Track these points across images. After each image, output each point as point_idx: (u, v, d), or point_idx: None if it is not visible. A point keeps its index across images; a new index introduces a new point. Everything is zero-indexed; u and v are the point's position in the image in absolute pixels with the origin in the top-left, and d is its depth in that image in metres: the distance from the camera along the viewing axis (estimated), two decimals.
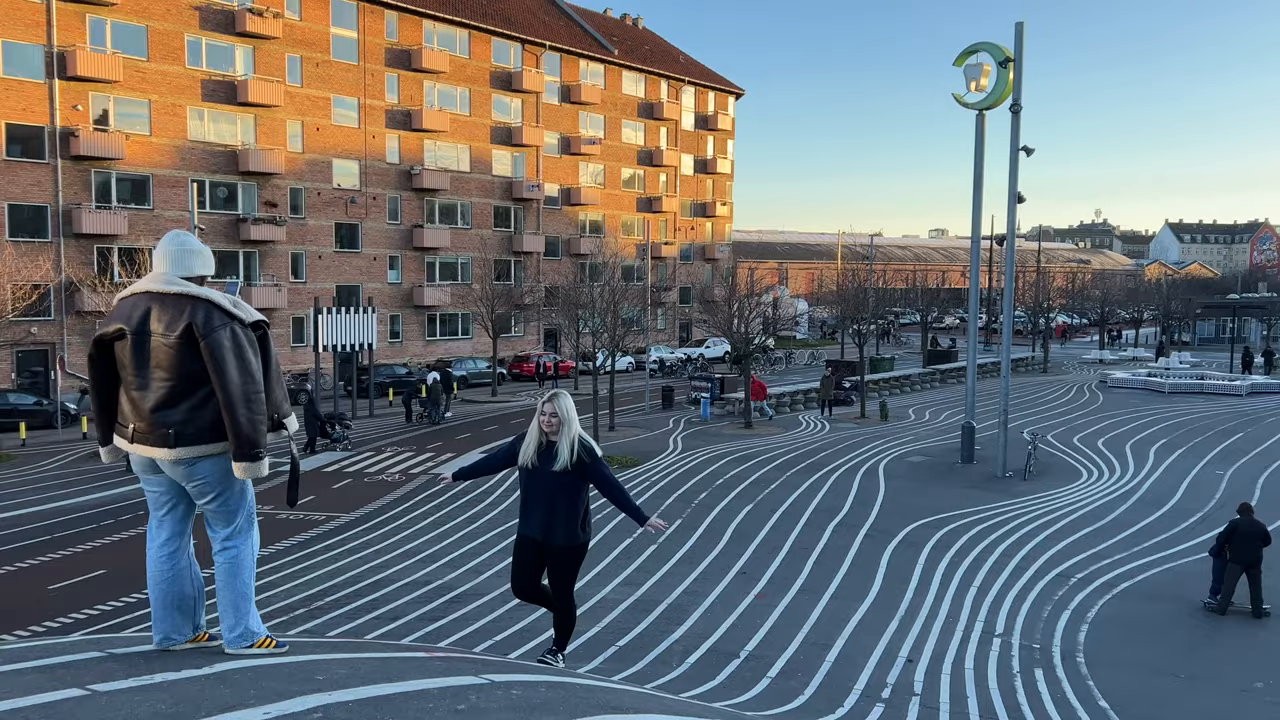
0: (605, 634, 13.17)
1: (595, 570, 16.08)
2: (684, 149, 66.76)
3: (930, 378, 45.48)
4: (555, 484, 5.70)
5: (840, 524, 19.33)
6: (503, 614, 13.83)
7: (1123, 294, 78.11)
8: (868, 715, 10.62)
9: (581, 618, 13.48)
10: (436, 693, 3.40)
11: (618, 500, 5.88)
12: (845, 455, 26.70)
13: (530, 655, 11.33)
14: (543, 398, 5.80)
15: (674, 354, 54.68)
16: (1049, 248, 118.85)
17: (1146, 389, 42.15)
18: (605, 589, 15.17)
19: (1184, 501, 21.41)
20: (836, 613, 14.11)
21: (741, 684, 11.47)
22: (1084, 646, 12.93)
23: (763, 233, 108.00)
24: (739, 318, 32.76)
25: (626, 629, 13.39)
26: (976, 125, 25.51)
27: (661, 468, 25.01)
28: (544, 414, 5.68)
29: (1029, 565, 16.58)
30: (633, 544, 17.66)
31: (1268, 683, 11.80)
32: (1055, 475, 24.19)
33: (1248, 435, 30.09)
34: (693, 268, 67.85)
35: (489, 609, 14.16)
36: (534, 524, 5.81)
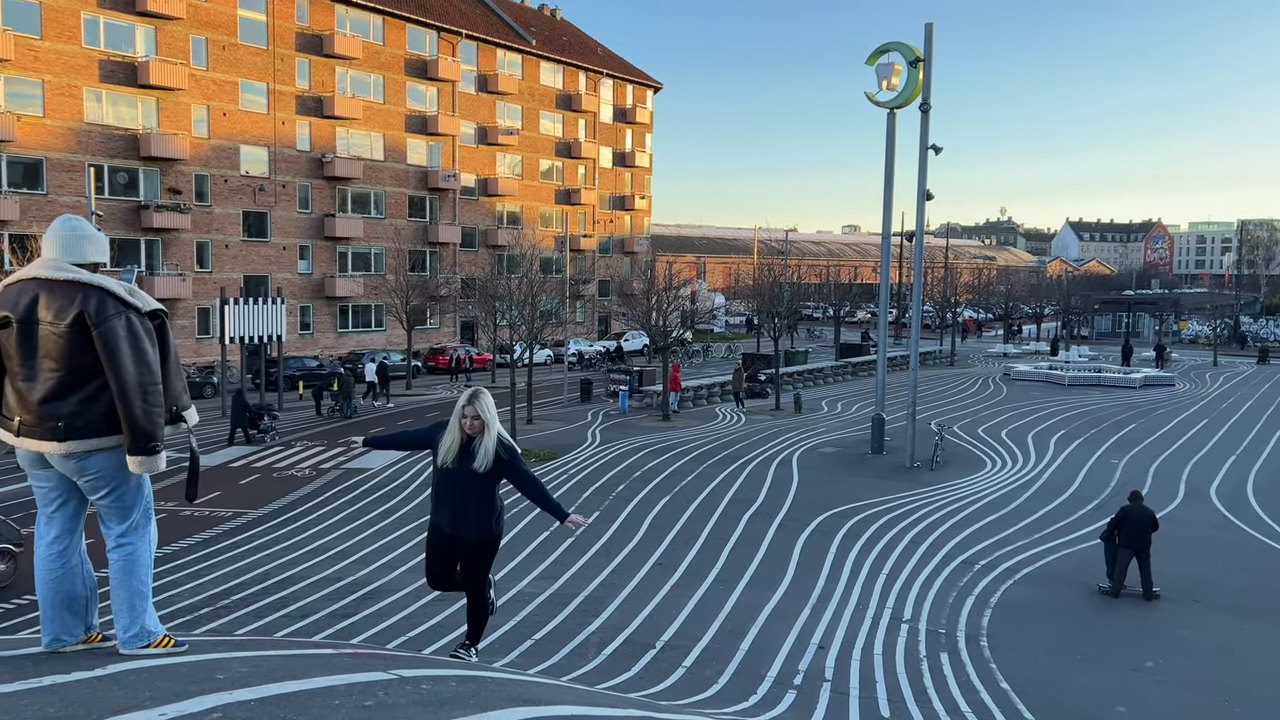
0: (522, 627, 13.11)
1: (512, 564, 15.99)
2: (603, 142, 66.69)
3: (842, 370, 46.41)
4: (471, 481, 5.64)
5: (755, 514, 19.59)
6: (416, 610, 13.65)
7: (1026, 290, 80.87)
8: (780, 702, 10.80)
9: (498, 611, 13.44)
10: (343, 689, 3.34)
11: (536, 497, 5.85)
12: (760, 447, 27.06)
13: (445, 651, 11.22)
14: (463, 397, 5.72)
15: (593, 347, 54.64)
16: (957, 244, 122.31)
17: (1048, 382, 43.75)
18: (522, 582, 15.10)
19: (1081, 489, 22.29)
20: (750, 601, 14.31)
21: (657, 674, 11.55)
22: (987, 630, 13.36)
23: (681, 227, 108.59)
24: (657, 311, 32.90)
25: (543, 622, 13.35)
26: (888, 123, 26.08)
27: (579, 460, 24.99)
28: (465, 415, 5.60)
29: (936, 552, 17.06)
30: (550, 537, 17.61)
31: (1157, 661, 12.37)
32: (961, 465, 24.93)
33: (1140, 426, 31.49)
34: (611, 261, 67.89)
35: (402, 605, 13.96)
36: (445, 517, 5.76)
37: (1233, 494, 22.02)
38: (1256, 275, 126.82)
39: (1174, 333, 72.23)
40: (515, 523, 18.45)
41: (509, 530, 17.80)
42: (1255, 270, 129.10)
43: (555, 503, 5.88)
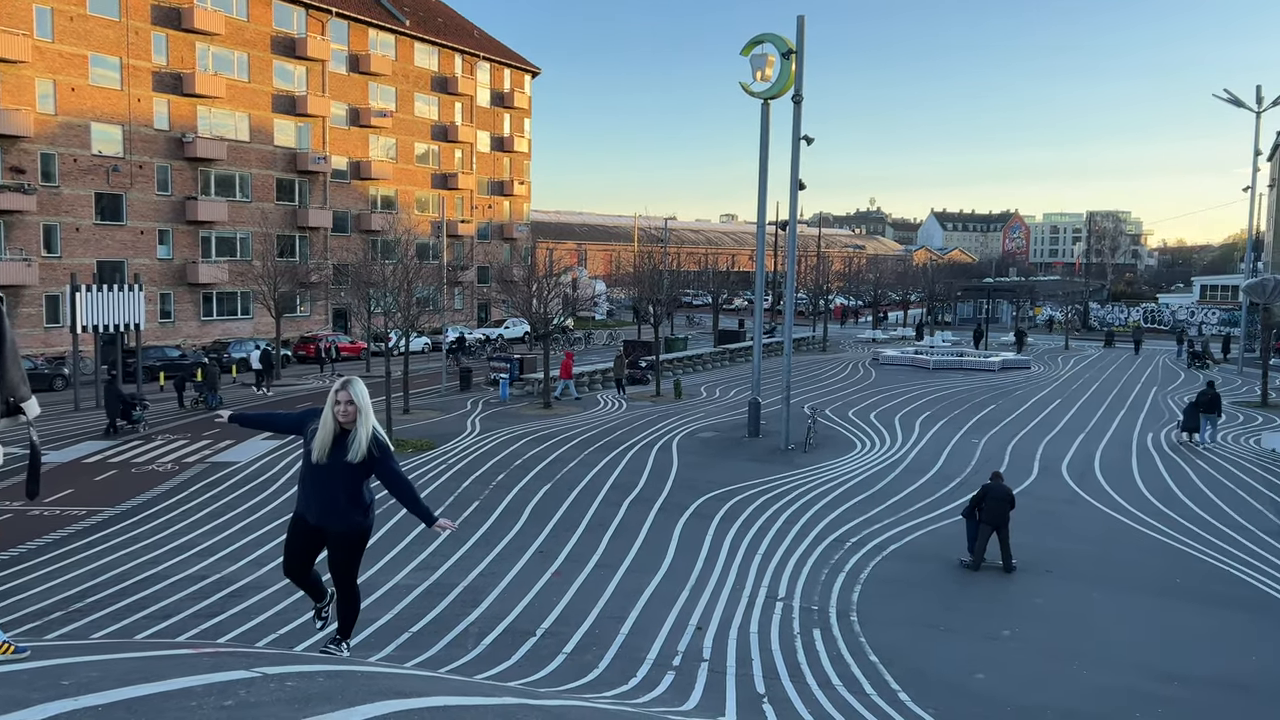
0: (398, 620, 12.87)
1: (388, 556, 15.67)
2: (480, 126, 65.72)
3: (721, 357, 47.20)
4: (341, 472, 5.49)
5: (636, 499, 19.75)
6: (288, 606, 13.22)
7: (894, 277, 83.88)
8: (659, 683, 10.94)
9: (374, 605, 13.16)
10: (201, 690, 3.20)
11: (406, 499, 5.73)
12: (641, 432, 27.27)
13: (317, 647, 10.91)
14: (335, 385, 5.55)
15: (472, 334, 53.91)
16: (829, 234, 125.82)
17: (914, 366, 45.56)
18: (398, 575, 14.81)
19: (944, 468, 23.32)
20: (631, 586, 14.42)
21: (537, 661, 11.52)
22: (857, 606, 13.85)
23: (561, 213, 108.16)
24: (538, 298, 32.69)
25: (421, 614, 13.14)
26: (762, 114, 26.57)
27: (458, 450, 24.66)
28: (339, 402, 5.43)
29: (809, 531, 17.56)
30: (427, 530, 17.28)
31: (1014, 630, 13.07)
32: (833, 447, 25.72)
33: (999, 407, 33.15)
34: (491, 247, 67.08)
35: (272, 602, 13.50)
36: (313, 508, 5.58)
37: (1082, 470, 23.43)
38: (1104, 264, 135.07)
39: (1030, 318, 76.26)
40: (393, 514, 18.06)
41: (385, 521, 17.44)
42: (1103, 259, 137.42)
43: (424, 506, 5.78)
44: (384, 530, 17.03)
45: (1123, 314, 77.35)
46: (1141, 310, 77.51)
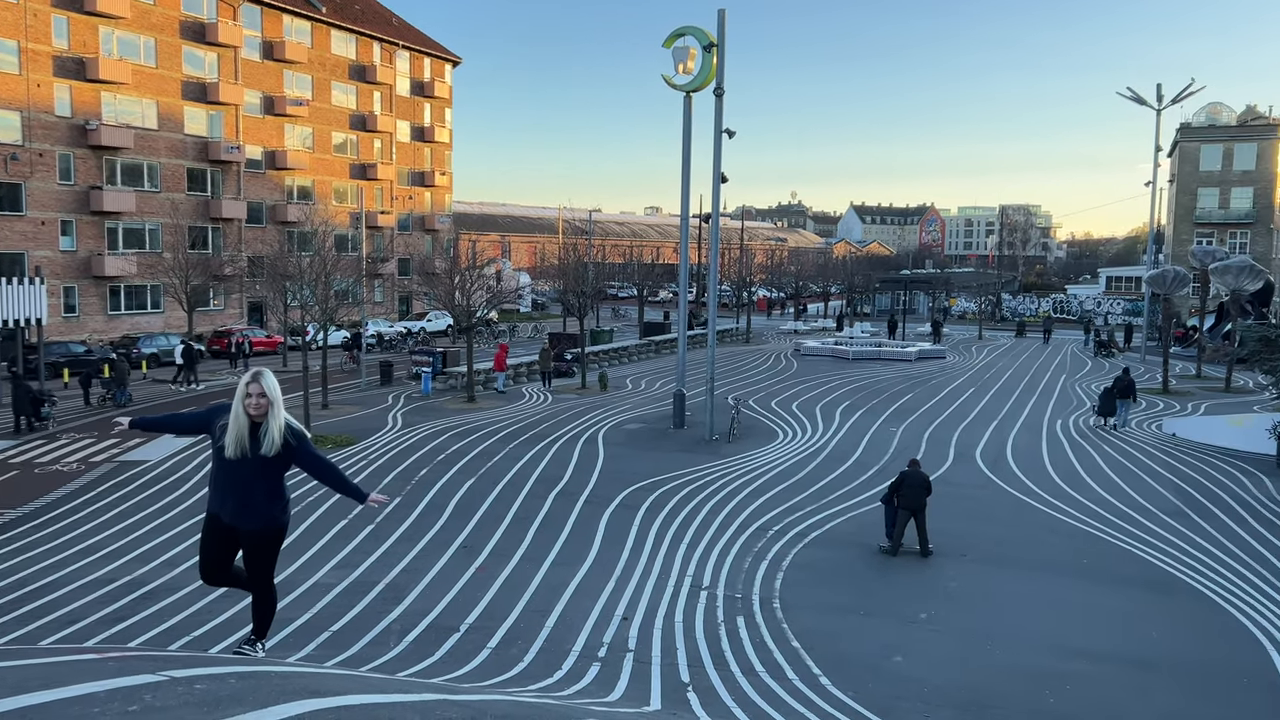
0: (319, 619, 12.63)
1: (308, 554, 15.36)
2: (400, 115, 64.61)
3: (646, 348, 47.34)
4: (256, 468, 5.34)
5: (561, 492, 19.71)
6: (201, 608, 12.87)
7: (815, 270, 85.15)
8: (584, 675, 10.95)
9: (293, 604, 12.90)
10: (104, 696, 3.09)
11: (332, 481, 5.62)
12: (567, 425, 27.21)
13: (232, 649, 10.65)
14: (245, 378, 5.39)
15: (393, 328, 53.06)
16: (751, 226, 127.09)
17: (834, 356, 46.35)
18: (319, 573, 14.53)
19: (864, 456, 23.80)
20: (556, 579, 14.40)
21: (462, 657, 11.43)
22: (780, 593, 14.06)
23: (484, 205, 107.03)
24: (461, 290, 32.32)
25: (341, 612, 12.92)
26: (684, 107, 26.67)
27: (380, 445, 24.27)
28: (250, 395, 5.27)
29: (733, 521, 17.76)
30: (348, 525, 17.03)
31: (930, 613, 13.43)
32: (756, 436, 26.03)
33: (915, 396, 33.94)
34: (412, 239, 66.06)
35: (185, 604, 13.11)
36: (227, 506, 5.42)
37: (995, 456, 24.15)
38: (1015, 256, 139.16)
39: (945, 309, 78.22)
40: (311, 511, 17.73)
41: (304, 519, 17.10)
42: (1014, 251, 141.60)
43: (353, 485, 5.69)
44: (303, 528, 16.69)
45: (1033, 305, 79.84)
46: (1051, 301, 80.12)
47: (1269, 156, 66.79)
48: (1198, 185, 68.54)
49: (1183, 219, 68.89)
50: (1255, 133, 67.03)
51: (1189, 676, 11.45)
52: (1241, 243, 65.61)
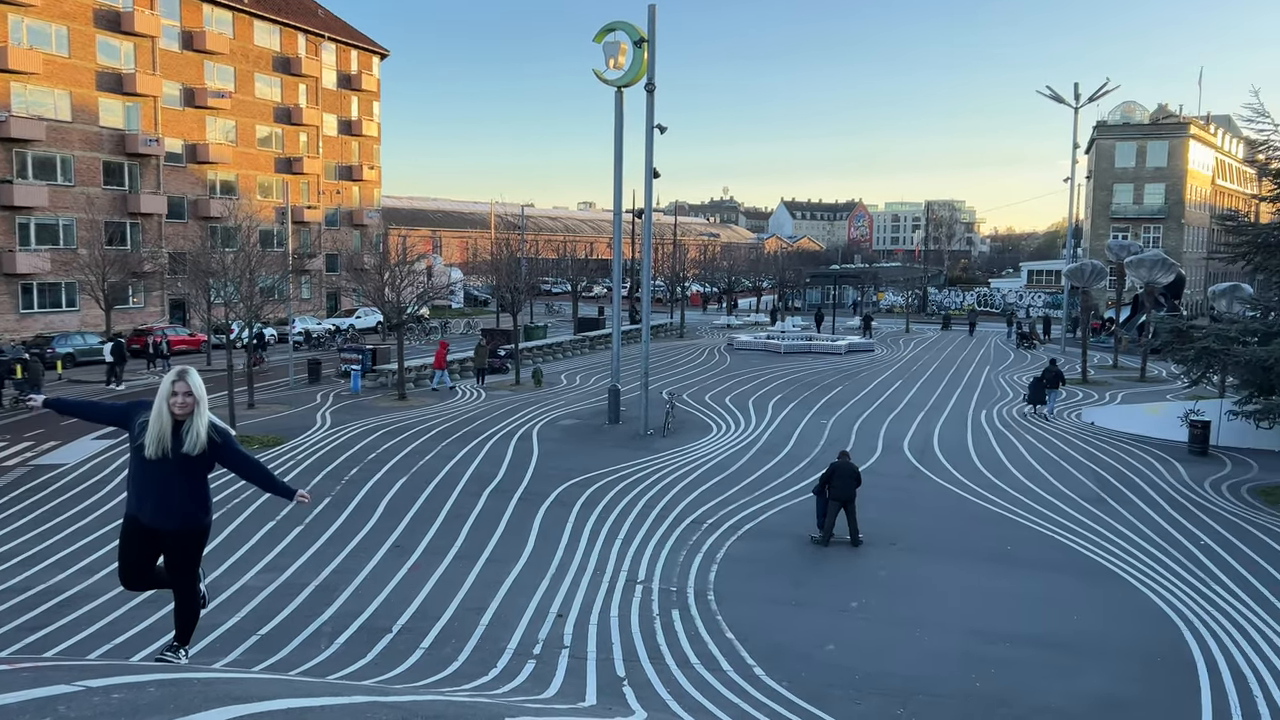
0: (246, 623, 12.35)
1: (234, 557, 15.00)
2: (326, 108, 63.36)
3: (580, 344, 47.26)
4: (178, 467, 5.20)
5: (495, 489, 19.56)
6: (121, 615, 12.48)
7: (747, 265, 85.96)
8: (519, 673, 10.90)
9: (219, 608, 12.58)
10: (15, 708, 2.98)
11: (259, 479, 5.52)
12: (501, 422, 27.02)
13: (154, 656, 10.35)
14: (169, 376, 5.25)
15: (321, 325, 52.07)
16: (685, 222, 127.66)
17: (766, 350, 46.85)
18: (245, 576, 14.20)
19: (796, 449, 24.11)
20: (490, 577, 14.30)
21: (395, 658, 11.29)
22: (714, 585, 14.17)
23: (415, 200, 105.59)
24: (391, 286, 31.85)
25: (269, 616, 12.64)
26: (616, 102, 26.66)
27: (308, 445, 23.80)
28: (176, 394, 5.13)
29: (668, 514, 17.84)
30: (276, 527, 16.67)
31: (861, 602, 13.66)
32: (690, 430, 26.18)
33: (845, 388, 34.49)
34: (340, 234, 64.87)
35: (104, 611, 12.69)
36: (146, 507, 5.27)
37: (922, 446, 24.67)
38: (941, 250, 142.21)
39: (874, 303, 79.60)
40: (238, 513, 17.33)
41: (230, 521, 16.72)
42: (940, 246, 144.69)
43: (280, 482, 5.59)
44: (229, 530, 16.30)
45: (958, 298, 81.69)
46: (975, 294, 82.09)
47: (1179, 154, 69.32)
48: (1113, 181, 70.83)
49: (1100, 214, 71.14)
50: (1166, 131, 69.52)
51: (1108, 658, 11.84)
52: (1155, 237, 68.00)
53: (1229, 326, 21.33)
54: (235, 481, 18.86)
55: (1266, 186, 21.29)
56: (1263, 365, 18.89)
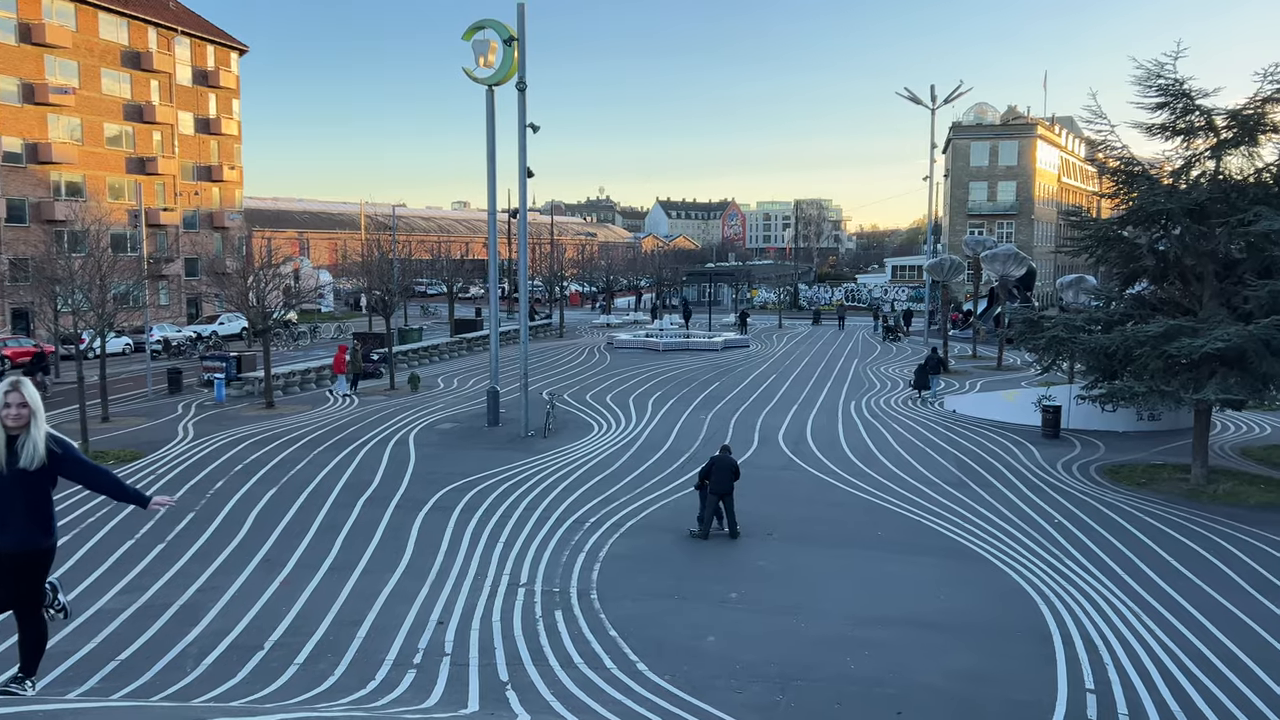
0: (104, 648, 11.66)
1: (90, 579, 14.16)
2: (182, 106, 60.51)
3: (458, 346, 46.57)
4: (14, 483, 4.86)
5: (370, 498, 19.07)
6: None
7: (625, 264, 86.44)
8: (399, 684, 10.66)
9: (74, 634, 11.87)
10: None
11: (108, 488, 5.21)
12: (375, 428, 26.37)
13: None
14: (2, 387, 4.89)
15: (182, 332, 49.68)
16: (561, 221, 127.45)
17: (645, 348, 47.22)
18: (103, 599, 13.41)
19: (676, 444, 24.38)
20: (367, 587, 13.93)
21: (267, 676, 10.86)
22: (597, 583, 14.18)
23: (280, 200, 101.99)
24: (255, 291, 30.65)
25: (130, 639, 11.98)
26: (488, 100, 26.38)
27: (169, 458, 22.68)
28: (9, 405, 4.79)
29: (550, 515, 17.76)
30: (135, 546, 15.82)
31: (741, 593, 13.91)
32: (572, 430, 26.15)
33: (722, 384, 35.09)
34: (200, 237, 62.06)
35: None
36: None
37: (796, 438, 25.32)
38: (810, 248, 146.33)
39: (748, 300, 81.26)
40: (93, 532, 16.37)
41: (86, 540, 15.81)
42: (809, 244, 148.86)
43: (132, 490, 5.30)
44: (83, 551, 15.39)
45: (828, 294, 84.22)
46: (843, 290, 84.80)
47: (1028, 153, 73.32)
48: (969, 179, 74.34)
49: (957, 211, 74.55)
50: (1016, 131, 73.40)
51: (973, 635, 12.41)
52: (1008, 232, 71.72)
53: (1075, 316, 22.66)
54: (86, 501, 17.81)
55: (1106, 184, 22.71)
56: (1105, 352, 20.14)
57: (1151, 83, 20.07)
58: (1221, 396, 18.44)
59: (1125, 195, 21.13)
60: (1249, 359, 18.23)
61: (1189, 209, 19.45)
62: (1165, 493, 19.75)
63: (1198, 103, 19.81)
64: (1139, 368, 19.44)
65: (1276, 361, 18.15)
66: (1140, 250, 21.04)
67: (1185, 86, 19.85)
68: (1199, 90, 19.80)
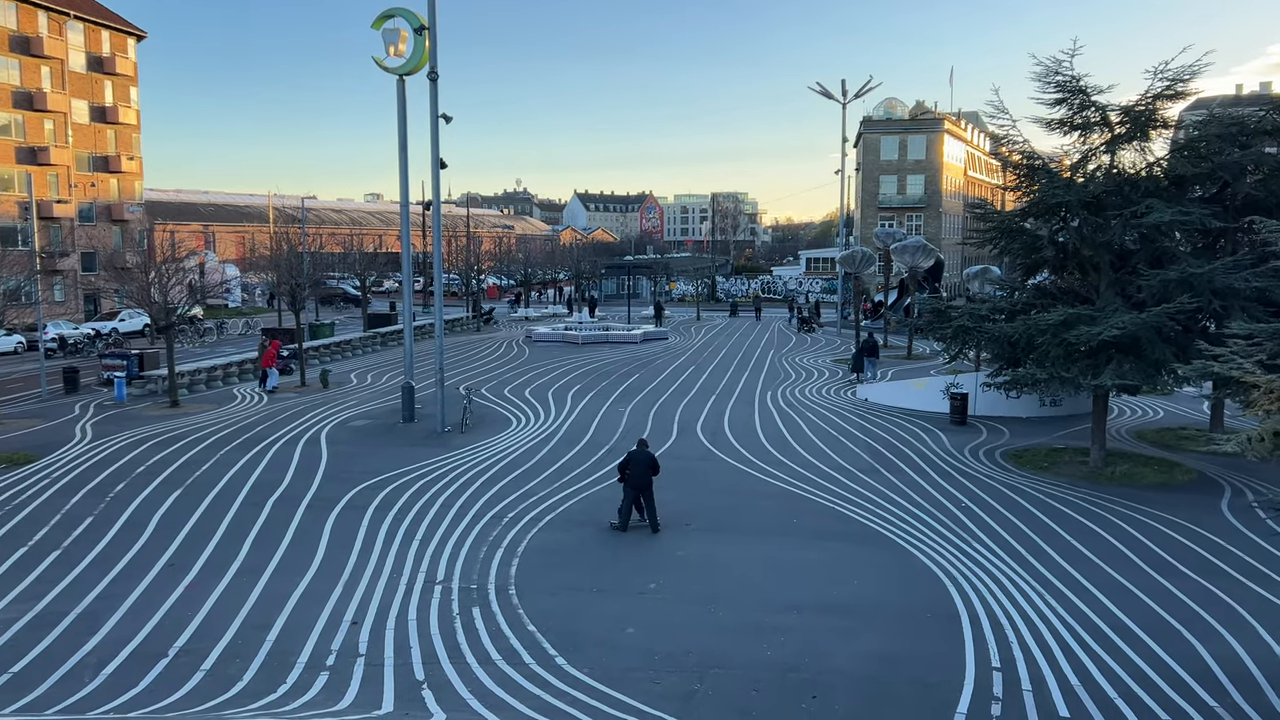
0: None
1: None
2: (76, 94, 57.97)
3: (371, 341, 45.69)
4: None
5: (280, 498, 18.59)
6: None
7: (543, 256, 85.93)
8: (311, 686, 10.42)
9: None
10: None
11: None
12: (285, 426, 25.71)
13: None
14: None
15: (79, 330, 47.62)
16: (477, 214, 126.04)
17: (565, 342, 47.05)
18: None
19: (595, 437, 24.35)
20: (278, 590, 13.58)
21: (172, 683, 10.51)
22: (515, 579, 14.08)
23: (183, 192, 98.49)
24: (158, 286, 29.53)
25: (24, 650, 11.46)
26: (398, 90, 25.90)
27: (65, 461, 21.73)
28: None
29: (467, 511, 17.56)
30: (29, 554, 15.14)
31: (659, 584, 13.97)
32: (489, 425, 25.90)
33: (641, 376, 35.18)
34: (98, 230, 59.58)
35: None
36: None
37: (714, 429, 25.54)
38: (727, 240, 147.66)
39: (666, 292, 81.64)
40: None
41: None
42: (726, 236, 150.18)
43: None
44: None
45: (744, 286, 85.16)
46: (760, 282, 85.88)
47: (936, 147, 75.20)
48: (879, 173, 75.92)
49: (868, 204, 76.08)
50: (924, 126, 75.21)
51: (884, 618, 12.70)
52: (917, 225, 73.48)
53: (980, 306, 23.34)
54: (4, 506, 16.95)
55: (1009, 177, 23.43)
56: (1009, 340, 20.80)
57: (1050, 79, 20.76)
58: (1118, 382, 19.20)
59: (1027, 188, 21.82)
60: (1143, 345, 19.03)
61: (1086, 201, 20.20)
62: (1066, 475, 20.51)
63: (1093, 99, 20.56)
64: (1040, 355, 20.12)
65: (1168, 348, 19.00)
66: (1041, 241, 21.76)
67: (1082, 83, 20.58)
68: (1094, 87, 20.57)
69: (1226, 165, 20.24)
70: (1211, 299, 18.88)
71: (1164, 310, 18.59)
